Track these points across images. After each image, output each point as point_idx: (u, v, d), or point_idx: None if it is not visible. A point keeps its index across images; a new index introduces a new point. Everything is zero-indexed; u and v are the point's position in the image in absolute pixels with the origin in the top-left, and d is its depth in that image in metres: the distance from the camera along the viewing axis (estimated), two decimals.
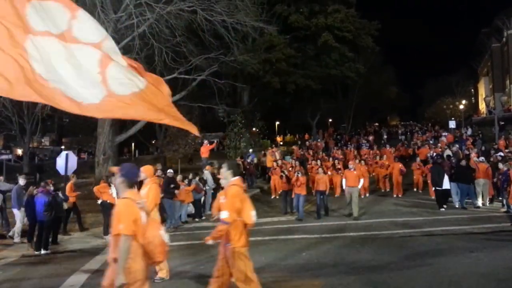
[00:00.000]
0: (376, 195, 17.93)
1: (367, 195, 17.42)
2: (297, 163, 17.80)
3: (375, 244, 9.53)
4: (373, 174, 20.09)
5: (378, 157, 20.98)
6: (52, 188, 11.17)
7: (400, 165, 17.49)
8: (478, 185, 13.82)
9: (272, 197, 18.12)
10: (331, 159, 20.71)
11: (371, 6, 57.93)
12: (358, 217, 12.67)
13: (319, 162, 18.20)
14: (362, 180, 13.67)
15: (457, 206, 13.83)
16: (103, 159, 19.14)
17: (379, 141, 30.05)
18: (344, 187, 13.96)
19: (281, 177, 15.17)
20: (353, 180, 13.26)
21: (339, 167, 17.90)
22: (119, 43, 18.79)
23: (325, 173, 14.57)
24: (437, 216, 12.67)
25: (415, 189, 17.98)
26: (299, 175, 13.27)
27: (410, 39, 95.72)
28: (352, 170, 13.58)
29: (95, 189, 12.15)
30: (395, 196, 16.96)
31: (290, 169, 16.35)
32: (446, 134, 26.53)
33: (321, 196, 13.28)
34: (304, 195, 13.25)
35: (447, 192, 13.84)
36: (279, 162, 19.21)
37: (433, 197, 14.83)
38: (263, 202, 17.35)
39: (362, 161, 18.34)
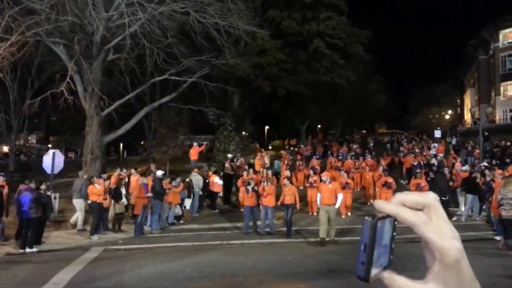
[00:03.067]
0: (356, 214, 14.50)
1: (349, 214, 14.35)
2: (269, 172, 15.33)
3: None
4: (357, 189, 18.00)
5: (367, 169, 18.89)
6: (43, 186, 11.13)
7: (387, 179, 14.46)
8: (460, 194, 14.06)
9: (242, 210, 14.86)
10: (311, 171, 16.27)
11: (362, 16, 58.62)
12: (332, 240, 10.45)
13: (288, 172, 15.75)
14: (340, 196, 10.78)
15: (463, 220, 13.15)
16: (91, 158, 18.94)
17: (364, 150, 28.65)
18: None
19: (246, 190, 12.22)
20: (329, 197, 10.62)
21: (314, 178, 14.65)
22: (110, 42, 18.73)
23: (292, 184, 12.56)
24: None
25: None
26: (266, 184, 11.87)
27: (399, 49, 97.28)
28: (327, 183, 10.88)
29: (89, 191, 11.99)
30: None
31: (261, 179, 14.21)
32: (436, 145, 25.71)
33: (287, 211, 11.51)
34: (273, 206, 11.62)
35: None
36: (250, 171, 16.84)
37: None
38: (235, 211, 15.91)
39: (344, 173, 15.40)
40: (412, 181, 14.33)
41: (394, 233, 0.63)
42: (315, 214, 13.54)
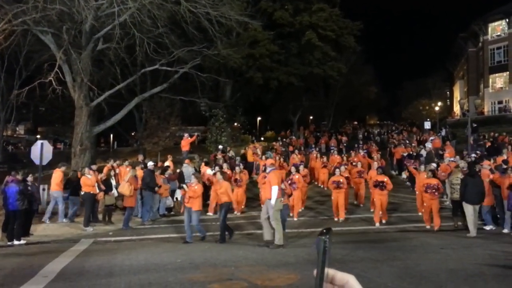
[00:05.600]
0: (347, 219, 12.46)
1: (341, 219, 12.07)
2: (237, 168, 14.12)
3: (350, 239, 9.74)
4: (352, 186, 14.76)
5: (359, 164, 15.36)
6: (29, 178, 10.98)
7: (381, 178, 11.79)
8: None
9: (210, 213, 13.14)
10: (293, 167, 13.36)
11: (354, 7, 58.55)
12: (277, 245, 8.73)
13: (225, 165, 14.03)
14: (274, 189, 8.82)
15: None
16: (80, 150, 18.74)
17: (353, 143, 27.55)
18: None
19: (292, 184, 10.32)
20: (266, 189, 9.18)
21: (296, 177, 12.38)
22: (99, 31, 18.43)
23: (225, 179, 10.68)
24: (411, 214, 13.02)
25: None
26: (185, 188, 9.82)
27: (390, 41, 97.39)
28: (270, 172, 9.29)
29: (82, 182, 11.88)
30: (377, 224, 11.49)
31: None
32: (433, 138, 23.85)
33: (224, 212, 9.73)
34: (197, 210, 9.69)
35: None
36: (224, 166, 14.67)
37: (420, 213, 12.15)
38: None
39: (337, 170, 12.98)
40: (423, 181, 11.45)
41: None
42: (295, 219, 12.25)
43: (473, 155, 16.14)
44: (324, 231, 0.77)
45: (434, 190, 10.73)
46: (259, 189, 12.40)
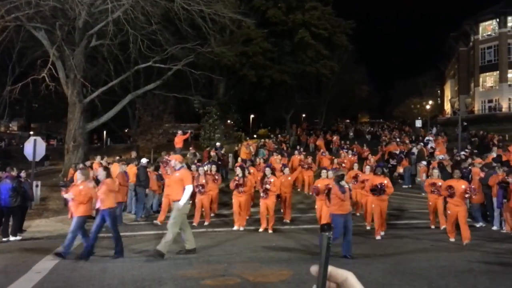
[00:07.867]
0: None
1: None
2: (214, 167, 12.95)
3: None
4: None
5: (356, 167, 13.51)
6: (23, 174, 10.95)
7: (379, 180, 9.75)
8: None
9: (194, 223, 11.32)
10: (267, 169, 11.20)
11: (346, 6, 58.84)
12: (192, 250, 8.03)
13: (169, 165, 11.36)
14: (188, 188, 7.77)
15: None
16: (73, 146, 18.70)
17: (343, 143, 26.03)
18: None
19: (341, 189, 7.98)
20: (173, 188, 8.17)
21: (270, 180, 10.52)
22: (92, 27, 18.36)
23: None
24: (402, 210, 13.20)
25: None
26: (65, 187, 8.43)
27: (382, 40, 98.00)
28: (176, 169, 8.15)
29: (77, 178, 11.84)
30: (378, 237, 9.61)
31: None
32: (431, 139, 22.34)
33: (111, 221, 7.95)
34: (80, 216, 7.99)
35: None
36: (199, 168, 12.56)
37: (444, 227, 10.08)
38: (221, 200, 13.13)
39: (328, 172, 10.41)
40: (446, 182, 9.41)
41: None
42: (270, 231, 10.42)
43: (463, 153, 16.37)
44: (326, 227, 0.75)
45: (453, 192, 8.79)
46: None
